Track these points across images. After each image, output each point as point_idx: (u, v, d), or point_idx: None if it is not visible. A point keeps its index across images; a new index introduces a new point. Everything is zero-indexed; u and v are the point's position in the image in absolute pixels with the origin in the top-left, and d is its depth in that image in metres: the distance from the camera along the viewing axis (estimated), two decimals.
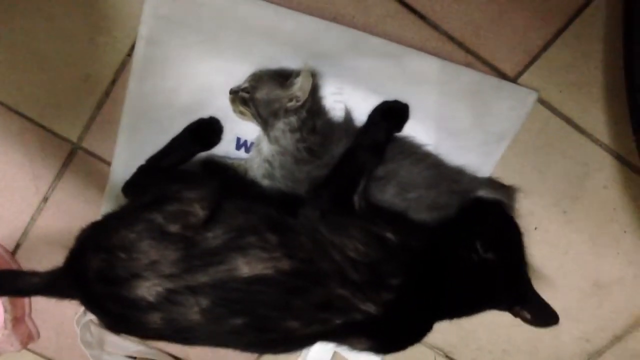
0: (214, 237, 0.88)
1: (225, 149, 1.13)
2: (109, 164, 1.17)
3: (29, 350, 1.38)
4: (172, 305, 0.86)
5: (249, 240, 0.88)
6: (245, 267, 0.86)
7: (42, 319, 1.35)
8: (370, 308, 0.90)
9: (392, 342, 1.00)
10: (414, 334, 1.00)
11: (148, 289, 0.85)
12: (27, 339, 1.34)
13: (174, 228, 0.88)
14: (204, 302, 0.85)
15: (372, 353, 1.00)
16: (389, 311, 0.91)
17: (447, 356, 1.34)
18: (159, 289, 0.85)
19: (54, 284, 0.94)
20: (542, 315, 1.02)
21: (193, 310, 0.86)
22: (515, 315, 1.02)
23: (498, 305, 1.02)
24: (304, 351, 1.32)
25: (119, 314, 0.90)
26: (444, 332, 1.00)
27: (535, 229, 1.19)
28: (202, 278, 0.85)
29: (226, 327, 0.88)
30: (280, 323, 0.89)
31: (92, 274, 0.88)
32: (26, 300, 1.32)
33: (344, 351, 1.29)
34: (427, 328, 1.00)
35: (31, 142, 1.18)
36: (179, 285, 0.85)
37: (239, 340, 0.92)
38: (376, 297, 0.91)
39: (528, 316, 1.01)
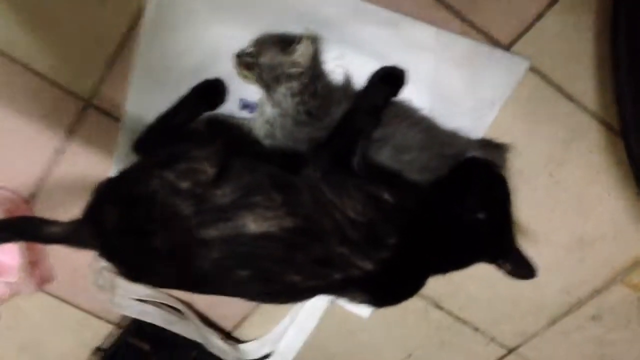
0: (223, 194, 0.90)
1: (229, 109, 1.15)
2: (119, 120, 1.20)
3: (44, 292, 1.43)
4: (186, 257, 0.90)
5: (256, 199, 0.90)
6: (253, 224, 0.89)
7: (58, 262, 1.39)
8: (367, 265, 0.94)
9: (387, 297, 1.04)
10: (409, 289, 1.05)
11: (163, 241, 0.90)
12: (43, 281, 1.38)
13: (185, 185, 0.90)
14: (214, 254, 0.89)
15: (368, 306, 1.04)
16: (386, 268, 0.95)
17: (436, 305, 1.42)
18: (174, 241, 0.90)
19: (73, 234, 0.96)
20: (522, 269, 1.05)
21: (204, 262, 0.90)
22: (498, 267, 1.05)
23: (484, 259, 1.06)
24: None
25: (135, 264, 0.95)
26: (433, 283, 1.06)
27: None
28: (212, 232, 0.88)
29: (234, 278, 0.92)
30: (283, 276, 0.92)
31: (109, 225, 0.92)
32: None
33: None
34: (421, 283, 1.04)
35: (45, 98, 1.20)
36: (192, 238, 0.89)
37: (245, 290, 0.97)
38: (374, 255, 0.94)
39: (509, 268, 1.05)
